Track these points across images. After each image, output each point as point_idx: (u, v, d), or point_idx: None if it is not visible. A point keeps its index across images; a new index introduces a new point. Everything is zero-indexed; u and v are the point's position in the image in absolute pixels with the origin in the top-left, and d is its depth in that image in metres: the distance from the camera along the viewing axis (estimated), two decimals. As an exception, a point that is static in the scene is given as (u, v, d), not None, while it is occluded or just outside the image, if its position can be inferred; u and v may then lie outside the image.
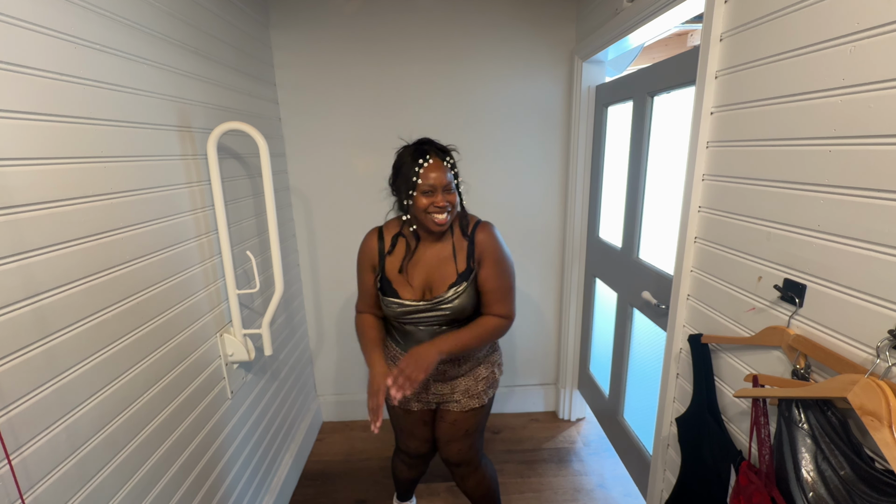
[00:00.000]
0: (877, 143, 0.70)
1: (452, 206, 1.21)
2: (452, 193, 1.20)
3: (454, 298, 1.25)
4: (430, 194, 1.18)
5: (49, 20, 0.83)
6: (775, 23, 0.88)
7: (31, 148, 0.79)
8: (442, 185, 1.18)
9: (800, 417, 0.82)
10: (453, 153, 1.25)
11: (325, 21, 1.98)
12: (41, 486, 0.79)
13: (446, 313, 1.26)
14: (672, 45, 2.70)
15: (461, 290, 1.25)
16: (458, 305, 1.26)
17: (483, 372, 1.40)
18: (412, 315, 1.28)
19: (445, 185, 1.18)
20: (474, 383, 1.39)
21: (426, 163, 1.17)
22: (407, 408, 1.44)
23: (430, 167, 1.17)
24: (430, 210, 1.19)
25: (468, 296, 1.26)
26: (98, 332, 0.93)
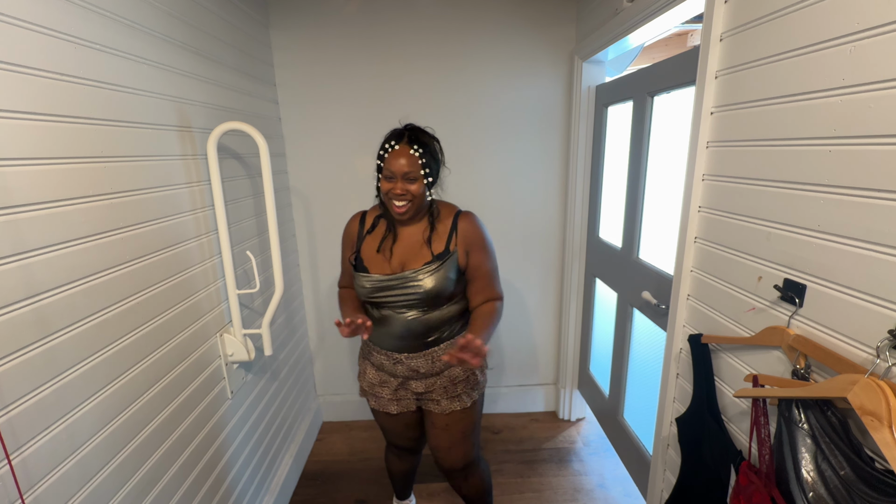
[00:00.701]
0: (877, 143, 0.70)
1: (414, 196, 1.19)
2: (415, 183, 1.18)
3: (425, 276, 1.22)
4: (391, 179, 1.18)
5: (49, 20, 0.83)
6: (775, 23, 0.88)
7: (31, 148, 0.79)
8: (402, 173, 1.16)
9: (800, 417, 0.82)
10: (434, 143, 1.23)
11: (325, 21, 1.98)
12: (41, 486, 0.79)
13: (417, 291, 1.22)
14: (672, 45, 2.70)
15: (434, 268, 1.23)
16: (430, 286, 1.22)
17: (459, 374, 1.35)
18: (381, 293, 1.25)
19: (406, 172, 1.16)
20: (451, 385, 1.35)
21: (391, 148, 1.17)
22: (386, 411, 1.42)
23: (395, 153, 1.16)
24: (390, 195, 1.19)
25: (442, 278, 1.23)
26: (98, 332, 0.93)
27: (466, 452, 1.44)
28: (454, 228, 1.27)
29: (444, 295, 1.26)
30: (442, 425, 1.39)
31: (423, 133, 1.22)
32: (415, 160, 1.17)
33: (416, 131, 1.21)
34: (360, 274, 1.28)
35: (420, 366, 1.32)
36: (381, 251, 1.29)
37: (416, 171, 1.17)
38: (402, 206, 1.20)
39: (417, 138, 1.19)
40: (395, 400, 1.41)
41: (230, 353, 1.46)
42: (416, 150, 1.17)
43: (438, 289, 1.24)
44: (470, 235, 1.27)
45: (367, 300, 1.30)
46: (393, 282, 1.24)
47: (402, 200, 1.19)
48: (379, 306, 1.29)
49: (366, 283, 1.26)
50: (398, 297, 1.25)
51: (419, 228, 1.28)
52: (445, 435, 1.40)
